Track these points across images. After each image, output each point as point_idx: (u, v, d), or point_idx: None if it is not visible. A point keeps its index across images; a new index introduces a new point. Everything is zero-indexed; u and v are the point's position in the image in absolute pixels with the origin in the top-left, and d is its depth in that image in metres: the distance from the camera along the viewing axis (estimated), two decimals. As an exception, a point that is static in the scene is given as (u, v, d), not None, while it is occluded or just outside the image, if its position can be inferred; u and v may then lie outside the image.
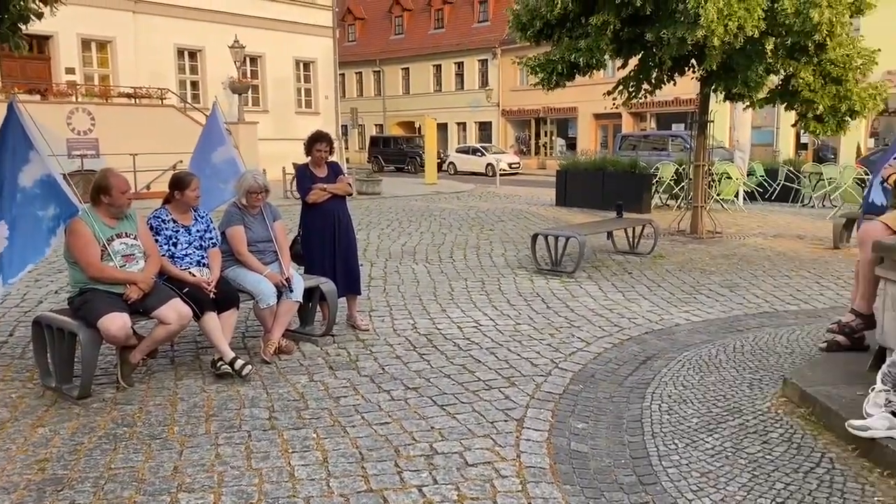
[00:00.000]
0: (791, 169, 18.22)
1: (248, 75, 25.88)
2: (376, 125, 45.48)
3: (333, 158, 6.21)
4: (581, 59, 10.32)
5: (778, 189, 17.89)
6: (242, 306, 5.24)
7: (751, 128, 18.15)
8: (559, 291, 7.69)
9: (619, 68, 11.90)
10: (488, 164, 31.93)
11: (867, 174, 5.78)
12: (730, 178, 15.77)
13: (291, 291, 5.30)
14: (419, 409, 4.36)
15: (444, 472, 3.54)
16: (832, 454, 3.67)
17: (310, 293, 5.68)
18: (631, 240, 10.27)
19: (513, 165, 33.49)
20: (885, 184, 4.84)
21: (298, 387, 4.73)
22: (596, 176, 16.32)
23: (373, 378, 4.91)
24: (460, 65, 41.97)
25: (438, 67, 43.06)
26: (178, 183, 5.05)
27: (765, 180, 17.96)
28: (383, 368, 5.12)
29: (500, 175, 27.25)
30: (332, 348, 5.59)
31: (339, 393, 4.63)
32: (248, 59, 25.01)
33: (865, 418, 3.59)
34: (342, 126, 32.15)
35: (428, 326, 6.26)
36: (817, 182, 16.78)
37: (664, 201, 16.73)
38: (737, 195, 16.21)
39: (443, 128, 40.15)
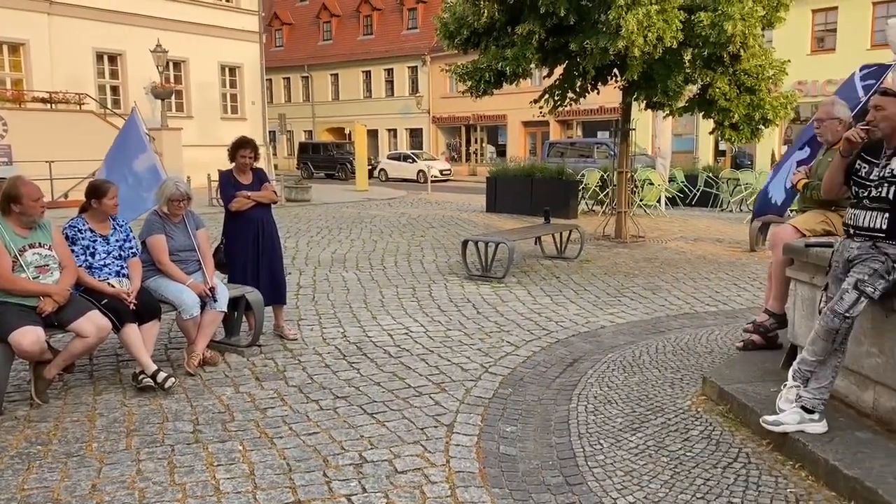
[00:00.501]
0: (710, 175, 18.92)
1: (172, 80, 25.22)
2: (305, 131, 45.02)
3: (260, 165, 6.12)
4: (508, 68, 10.47)
5: (698, 194, 18.55)
6: (165, 317, 5.10)
7: (672, 135, 18.84)
8: (489, 297, 7.76)
9: (544, 77, 12.13)
10: (420, 171, 32.01)
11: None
12: (652, 184, 16.27)
13: (215, 301, 5.18)
14: (348, 417, 4.32)
15: (374, 480, 3.52)
16: (748, 449, 3.81)
17: (235, 303, 5.56)
18: (558, 245, 10.47)
19: (444, 172, 33.65)
20: (793, 188, 5.08)
21: (224, 399, 4.63)
22: (525, 182, 16.56)
23: (301, 388, 4.84)
24: (390, 71, 41.97)
25: (368, 74, 42.96)
26: (95, 191, 4.88)
27: (685, 186, 18.61)
28: (312, 378, 5.06)
29: (432, 182, 27.35)
30: (259, 359, 5.49)
31: (266, 404, 4.55)
32: (171, 64, 24.36)
33: (778, 413, 3.74)
34: (270, 132, 31.68)
35: (358, 334, 6.22)
36: (735, 187, 17.49)
37: (590, 207, 17.11)
38: (659, 201, 16.73)
39: (373, 134, 40.06)
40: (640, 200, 15.93)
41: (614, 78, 11.48)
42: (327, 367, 5.32)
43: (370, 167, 30.01)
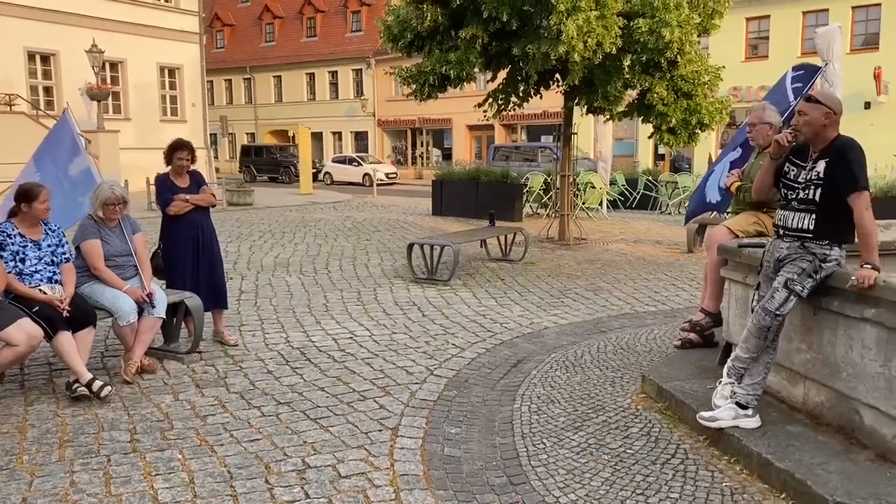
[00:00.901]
0: (650, 178, 19.37)
1: (108, 81, 24.53)
2: (248, 134, 44.29)
3: (201, 169, 6.02)
4: (452, 72, 10.52)
5: (638, 197, 18.96)
6: (101, 324, 4.95)
7: (613, 140, 19.17)
8: (435, 299, 7.78)
9: (488, 81, 12.22)
10: (365, 174, 31.82)
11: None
12: (594, 187, 16.56)
13: (153, 307, 5.06)
14: (291, 423, 4.27)
15: (317, 485, 3.49)
16: (686, 445, 3.91)
17: (174, 308, 5.44)
18: (503, 247, 10.56)
19: (390, 175, 33.56)
20: (727, 190, 5.23)
21: (163, 407, 4.52)
22: (470, 186, 16.65)
23: (242, 394, 4.77)
24: (334, 74, 41.66)
25: (312, 76, 42.56)
26: (26, 195, 4.72)
27: (626, 189, 19.01)
28: (254, 384, 4.98)
29: (378, 185, 27.25)
30: (199, 365, 5.38)
31: (207, 411, 4.46)
32: (107, 65, 23.69)
33: (714, 410, 3.85)
34: (211, 134, 31.08)
35: (301, 339, 6.16)
36: (673, 190, 17.93)
37: (535, 210, 17.31)
38: (601, 203, 17.04)
39: (318, 137, 39.70)
40: (583, 203, 16.20)
41: (556, 83, 11.65)
42: (270, 372, 5.25)
43: (315, 170, 29.74)
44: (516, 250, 10.60)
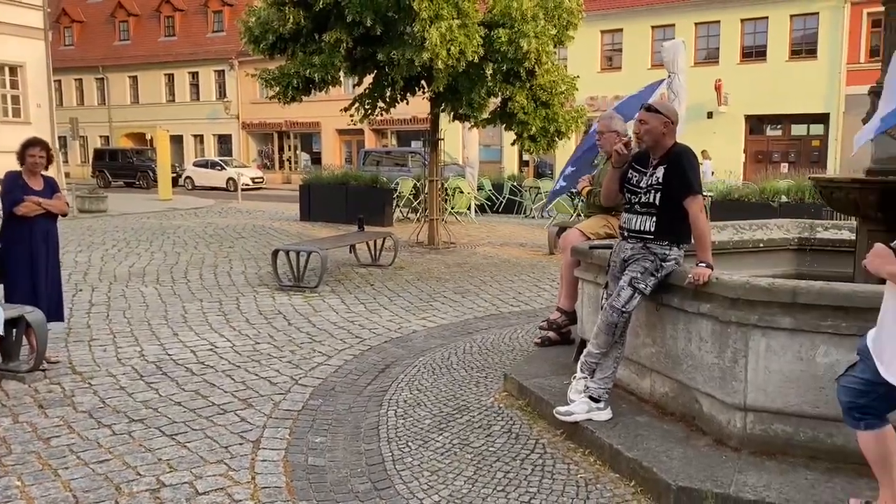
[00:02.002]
0: (515, 184, 19.99)
1: (-63, 78, 22.37)
2: (101, 137, 41.72)
3: (51, 173, 5.63)
4: (316, 75, 10.41)
5: (504, 202, 19.51)
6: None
7: (480, 146, 19.63)
8: (302, 307, 7.65)
9: (355, 86, 12.18)
10: (229, 179, 30.75)
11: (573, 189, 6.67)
12: (462, 192, 16.88)
13: (-12, 324, 4.66)
14: (145, 441, 4.07)
15: (172, 504, 3.34)
16: (545, 440, 4.06)
17: (13, 324, 5.04)
18: (373, 252, 10.54)
19: (256, 180, 32.63)
20: (579, 193, 5.49)
21: (0, 430, 4.18)
22: (339, 190, 16.51)
23: (91, 413, 4.48)
24: (195, 75, 40.04)
25: (171, 77, 40.69)
26: None
27: (493, 194, 19.52)
28: (104, 401, 4.70)
29: (243, 190, 26.46)
30: (43, 384, 5.01)
31: (51, 433, 4.16)
32: (-64, 60, 21.60)
33: (569, 404, 4.03)
34: (60, 137, 28.98)
35: (157, 353, 5.87)
36: (536, 195, 18.58)
37: (405, 215, 17.42)
38: (469, 208, 17.38)
39: (178, 140, 38.05)
40: (452, 208, 16.47)
41: (422, 89, 11.78)
42: (122, 388, 4.97)
43: (175, 175, 28.46)
44: (386, 255, 10.62)
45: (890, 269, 2.49)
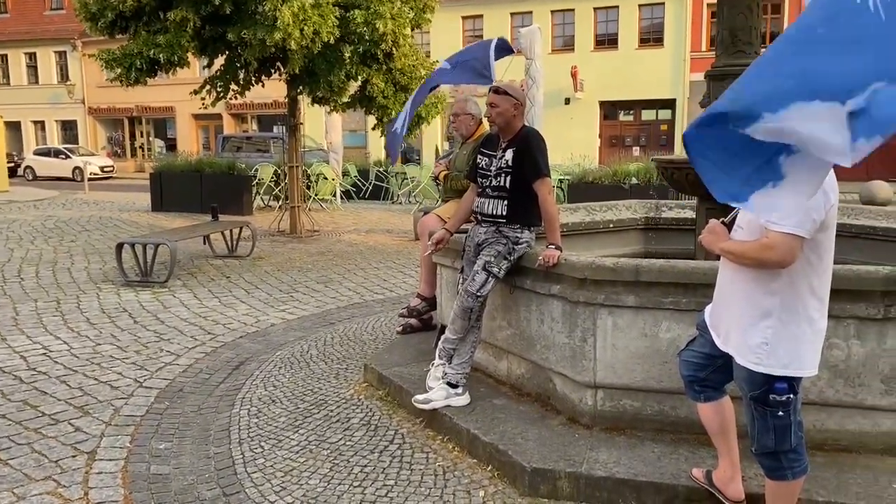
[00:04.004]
0: (381, 169, 19.81)
1: None
2: (-77, 123, 37.63)
3: None
4: (161, 56, 9.77)
5: (370, 188, 19.31)
6: None
7: (344, 131, 19.29)
8: (149, 304, 7.17)
9: (204, 67, 11.56)
10: (76, 168, 28.64)
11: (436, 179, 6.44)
12: (326, 178, 16.52)
13: None
14: (-42, 462, 3.63)
15: (-13, 533, 2.99)
16: (404, 430, 3.98)
17: None
18: (230, 243, 10.08)
19: (105, 169, 30.58)
20: (436, 181, 5.44)
21: None
22: (194, 178, 15.71)
23: None
24: (32, 56, 36.88)
25: (4, 58, 37.28)
26: None
27: (358, 180, 19.26)
28: (-90, 420, 4.17)
29: (91, 179, 24.68)
30: None
31: None
32: None
33: (428, 392, 3.97)
34: None
35: (-20, 361, 5.30)
36: (403, 181, 18.50)
37: (266, 202, 16.85)
38: (334, 195, 17.05)
39: (15, 126, 35.05)
40: (315, 195, 16.09)
41: (278, 71, 11.36)
42: (-66, 404, 4.43)
43: (12, 165, 26.18)
44: (244, 245, 10.19)
45: (723, 245, 2.57)
